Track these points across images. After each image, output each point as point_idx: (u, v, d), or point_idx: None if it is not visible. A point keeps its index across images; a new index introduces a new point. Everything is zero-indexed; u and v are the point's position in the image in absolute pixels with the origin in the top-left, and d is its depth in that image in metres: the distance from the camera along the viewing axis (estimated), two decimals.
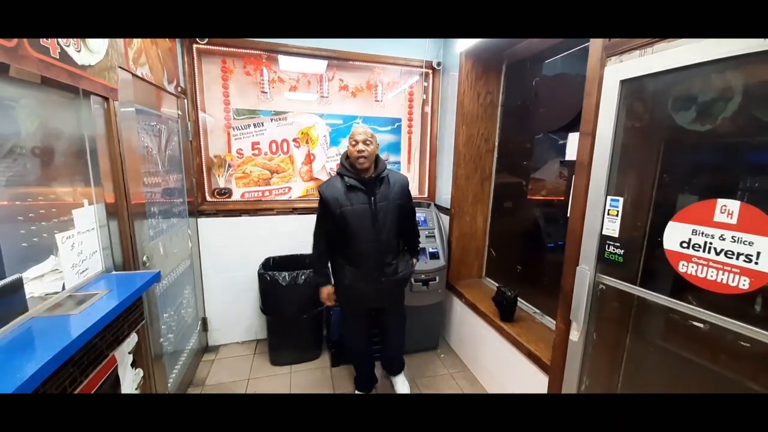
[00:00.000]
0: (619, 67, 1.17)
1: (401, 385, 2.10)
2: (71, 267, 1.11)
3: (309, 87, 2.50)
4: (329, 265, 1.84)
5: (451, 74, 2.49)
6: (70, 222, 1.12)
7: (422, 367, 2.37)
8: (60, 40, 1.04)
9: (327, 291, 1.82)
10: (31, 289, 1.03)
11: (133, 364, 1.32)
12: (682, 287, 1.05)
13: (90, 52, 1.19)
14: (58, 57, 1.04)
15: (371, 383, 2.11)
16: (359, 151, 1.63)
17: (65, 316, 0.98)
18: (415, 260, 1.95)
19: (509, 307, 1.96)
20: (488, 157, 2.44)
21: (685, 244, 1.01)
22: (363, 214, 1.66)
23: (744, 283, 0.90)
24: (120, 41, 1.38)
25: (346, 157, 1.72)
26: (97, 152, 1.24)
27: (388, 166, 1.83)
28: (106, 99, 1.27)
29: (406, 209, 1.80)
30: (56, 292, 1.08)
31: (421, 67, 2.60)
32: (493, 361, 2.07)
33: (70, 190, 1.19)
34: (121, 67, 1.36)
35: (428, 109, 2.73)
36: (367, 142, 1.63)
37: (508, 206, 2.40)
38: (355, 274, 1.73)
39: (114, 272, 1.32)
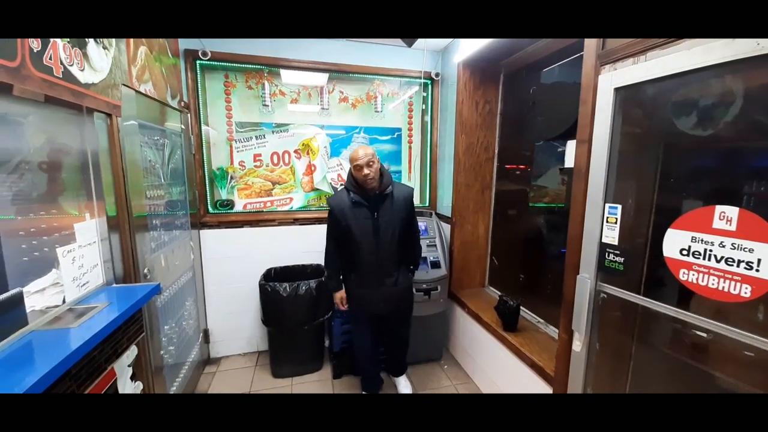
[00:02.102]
0: (613, 75, 1.17)
1: (403, 385, 2.18)
2: (72, 280, 1.12)
3: (310, 99, 2.54)
4: (341, 270, 1.94)
5: (449, 84, 2.51)
6: (72, 236, 1.14)
7: (425, 379, 2.33)
8: (63, 59, 1.07)
9: (339, 295, 1.92)
10: (32, 303, 1.04)
11: (133, 377, 1.32)
12: (684, 296, 1.03)
13: (93, 70, 1.22)
14: (61, 76, 1.07)
15: (378, 385, 2.17)
16: (365, 176, 1.68)
17: (64, 329, 0.99)
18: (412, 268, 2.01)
19: (512, 317, 1.94)
20: (488, 165, 2.44)
21: (684, 252, 1.00)
22: (365, 228, 1.75)
23: (745, 291, 0.88)
24: (123, 59, 1.42)
25: (351, 172, 1.76)
26: (100, 167, 1.26)
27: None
28: (109, 115, 1.31)
29: (407, 222, 1.84)
30: (57, 306, 1.09)
31: (420, 77, 2.63)
32: (497, 372, 2.04)
33: (72, 204, 1.21)
34: (124, 85, 1.40)
35: (428, 118, 2.75)
36: (370, 164, 1.68)
37: (510, 214, 2.39)
38: (359, 281, 1.85)
39: (115, 285, 1.33)
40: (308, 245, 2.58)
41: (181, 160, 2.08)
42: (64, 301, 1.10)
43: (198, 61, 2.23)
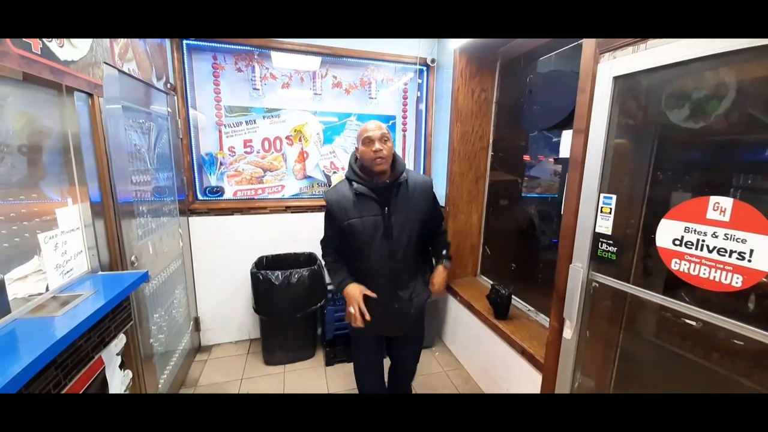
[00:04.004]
0: (612, 64, 1.16)
1: None
2: (55, 268, 1.08)
3: (302, 84, 2.47)
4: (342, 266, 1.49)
5: (445, 71, 2.47)
6: (54, 221, 1.10)
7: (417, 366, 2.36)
8: None
9: (352, 289, 1.39)
10: (14, 291, 1.01)
11: (122, 366, 1.30)
12: (675, 285, 1.04)
13: (73, 47, 1.16)
14: (40, 53, 1.01)
15: None
16: (376, 151, 1.31)
17: (48, 317, 0.96)
18: (442, 267, 1.52)
19: (503, 305, 1.96)
20: (483, 154, 2.43)
21: (677, 242, 1.01)
22: (374, 227, 1.37)
23: (737, 281, 0.89)
24: None
25: (356, 159, 1.43)
26: (82, 150, 1.21)
27: None
28: (90, 95, 1.24)
29: (432, 222, 1.50)
30: (40, 294, 1.05)
31: (416, 63, 2.58)
32: (488, 359, 2.07)
33: (53, 189, 1.16)
34: (106, 63, 1.33)
35: (423, 106, 2.71)
36: (385, 139, 1.33)
37: (503, 204, 2.40)
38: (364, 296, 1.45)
39: (100, 272, 1.29)
40: (301, 234, 2.55)
41: (168, 144, 2.02)
42: (47, 289, 1.07)
43: (185, 41, 2.14)
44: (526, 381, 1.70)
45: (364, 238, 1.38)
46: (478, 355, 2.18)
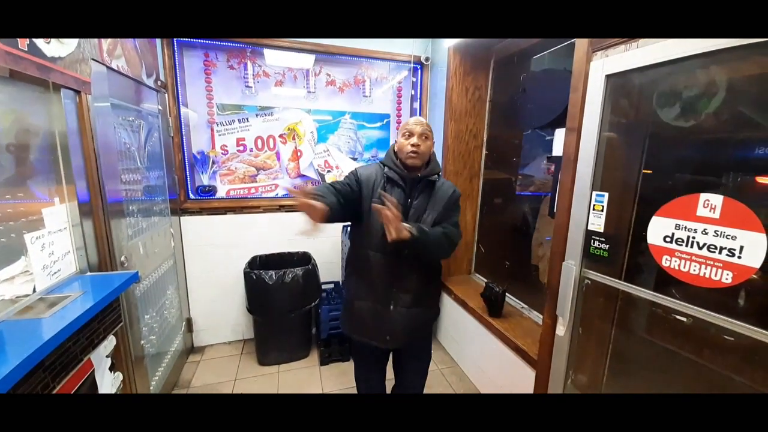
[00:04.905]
0: (605, 62, 1.17)
1: None
2: (42, 268, 1.06)
3: (295, 82, 2.45)
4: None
5: (439, 69, 2.47)
6: (40, 221, 1.07)
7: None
8: None
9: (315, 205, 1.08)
10: (1, 292, 0.99)
11: (112, 368, 1.28)
12: (666, 282, 1.05)
13: (60, 43, 1.13)
14: (26, 49, 0.99)
15: None
16: (413, 146, 1.29)
17: (36, 319, 0.94)
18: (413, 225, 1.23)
19: (497, 303, 1.97)
20: (477, 153, 2.44)
21: (668, 239, 1.02)
22: None
23: (727, 277, 0.90)
24: None
25: (395, 151, 1.39)
26: (69, 149, 1.18)
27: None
28: (78, 93, 1.22)
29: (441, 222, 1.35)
30: (27, 295, 1.03)
31: (410, 61, 2.58)
32: (482, 357, 2.08)
33: (40, 188, 1.14)
34: (94, 60, 1.30)
35: (417, 104, 2.70)
36: (425, 136, 1.31)
37: (497, 202, 2.40)
38: (360, 288, 1.38)
39: (89, 273, 1.27)
40: (295, 233, 2.54)
41: (159, 143, 1.99)
42: (34, 290, 1.04)
43: (175, 38, 2.11)
44: (520, 378, 1.71)
45: (380, 225, 1.23)
46: (472, 352, 2.19)
